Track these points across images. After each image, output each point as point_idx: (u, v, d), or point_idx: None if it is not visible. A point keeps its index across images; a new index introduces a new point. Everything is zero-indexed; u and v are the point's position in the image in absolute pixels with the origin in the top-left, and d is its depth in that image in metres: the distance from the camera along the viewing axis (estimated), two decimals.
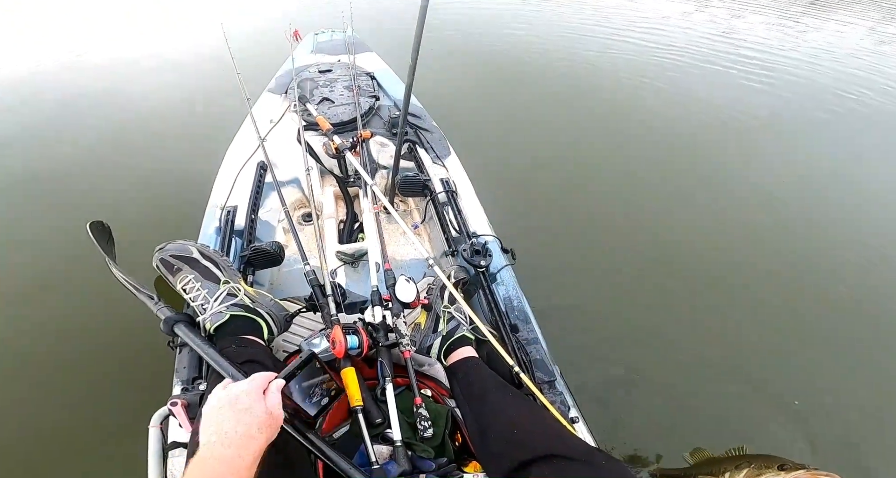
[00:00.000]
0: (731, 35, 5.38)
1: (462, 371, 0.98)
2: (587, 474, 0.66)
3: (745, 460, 0.69)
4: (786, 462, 0.62)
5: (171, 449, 0.85)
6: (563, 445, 0.74)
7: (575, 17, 5.54)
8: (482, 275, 1.12)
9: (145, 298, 0.92)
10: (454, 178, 1.47)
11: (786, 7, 6.96)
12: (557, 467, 0.69)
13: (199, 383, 0.93)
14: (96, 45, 3.93)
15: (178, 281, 0.90)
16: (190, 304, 0.91)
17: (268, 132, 1.52)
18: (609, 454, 0.71)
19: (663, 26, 5.48)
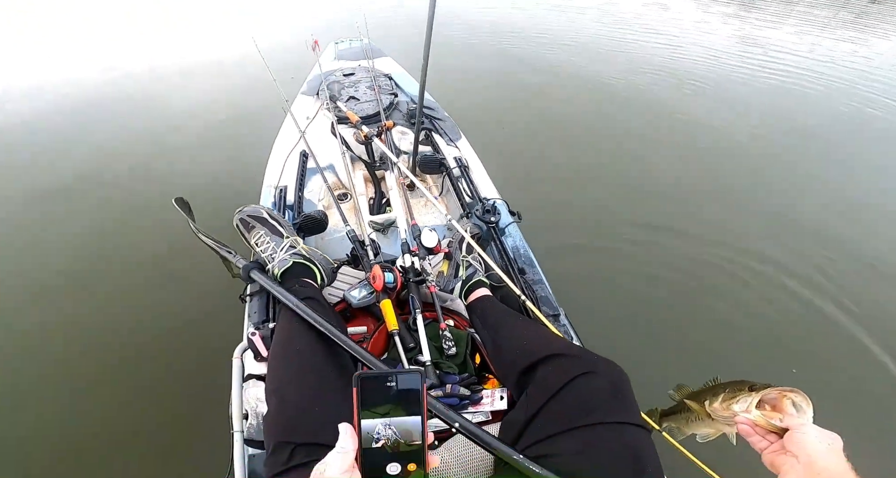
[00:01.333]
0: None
1: (480, 306, 1.17)
2: (583, 367, 0.76)
3: (721, 388, 0.73)
4: (754, 384, 0.65)
5: (246, 380, 1.03)
6: (562, 347, 0.86)
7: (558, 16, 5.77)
8: (493, 229, 1.33)
9: (224, 252, 1.16)
10: (465, 156, 1.69)
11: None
12: (557, 363, 0.80)
13: (267, 323, 1.15)
14: (141, 54, 4.42)
15: (252, 236, 1.14)
16: (260, 256, 1.14)
17: (306, 126, 1.77)
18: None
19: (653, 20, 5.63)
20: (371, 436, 0.44)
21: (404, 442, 0.45)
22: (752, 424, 0.61)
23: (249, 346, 1.07)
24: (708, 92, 3.78)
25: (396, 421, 0.44)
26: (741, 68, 4.38)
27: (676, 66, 4.28)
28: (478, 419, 0.98)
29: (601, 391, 0.73)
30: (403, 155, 1.76)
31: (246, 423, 0.96)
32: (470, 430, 0.75)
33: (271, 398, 0.84)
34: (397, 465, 0.44)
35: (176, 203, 1.27)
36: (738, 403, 0.64)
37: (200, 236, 1.22)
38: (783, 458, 0.55)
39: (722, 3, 7.45)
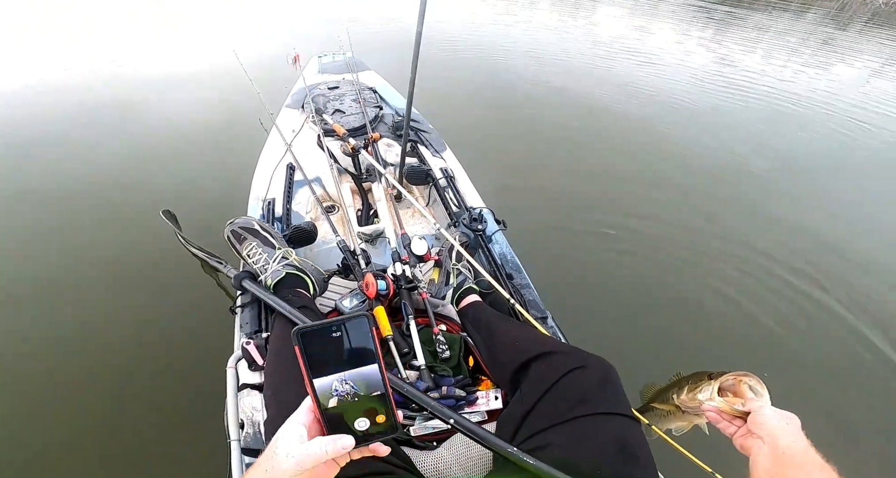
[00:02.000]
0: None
1: (471, 311, 1.20)
2: (574, 363, 0.80)
3: (684, 380, 0.77)
4: (711, 372, 0.70)
5: (241, 389, 1.03)
6: (553, 345, 0.90)
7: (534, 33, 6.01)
8: (480, 237, 1.37)
9: (214, 262, 1.16)
10: (451, 167, 1.74)
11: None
12: (549, 360, 0.84)
13: (261, 333, 1.15)
14: (126, 60, 4.36)
15: (244, 248, 1.15)
16: (252, 266, 1.15)
17: (292, 139, 1.79)
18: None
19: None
20: (329, 394, 0.42)
21: (365, 395, 0.43)
22: (718, 410, 0.64)
23: (244, 355, 1.07)
24: (685, 109, 3.96)
25: (352, 374, 0.42)
26: (717, 87, 4.64)
27: (656, 84, 4.50)
28: (475, 419, 1.00)
29: (591, 384, 0.76)
30: (390, 166, 1.79)
31: (242, 432, 0.96)
32: (465, 426, 0.77)
33: (271, 403, 0.85)
34: (364, 420, 0.43)
35: (163, 215, 1.27)
36: (702, 392, 0.68)
37: (189, 247, 1.22)
38: (751, 440, 0.58)
39: (699, 27, 7.88)
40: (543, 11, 8.23)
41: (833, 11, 11.41)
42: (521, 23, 6.88)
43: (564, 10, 8.39)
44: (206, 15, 6.49)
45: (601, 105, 3.85)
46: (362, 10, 6.83)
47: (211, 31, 5.61)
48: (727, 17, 8.83)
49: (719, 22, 8.45)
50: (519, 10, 7.89)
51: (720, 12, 9.26)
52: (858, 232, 2.53)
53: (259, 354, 1.06)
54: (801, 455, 0.53)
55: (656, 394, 0.92)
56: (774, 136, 3.68)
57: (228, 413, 0.99)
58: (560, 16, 7.76)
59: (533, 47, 5.45)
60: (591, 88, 4.21)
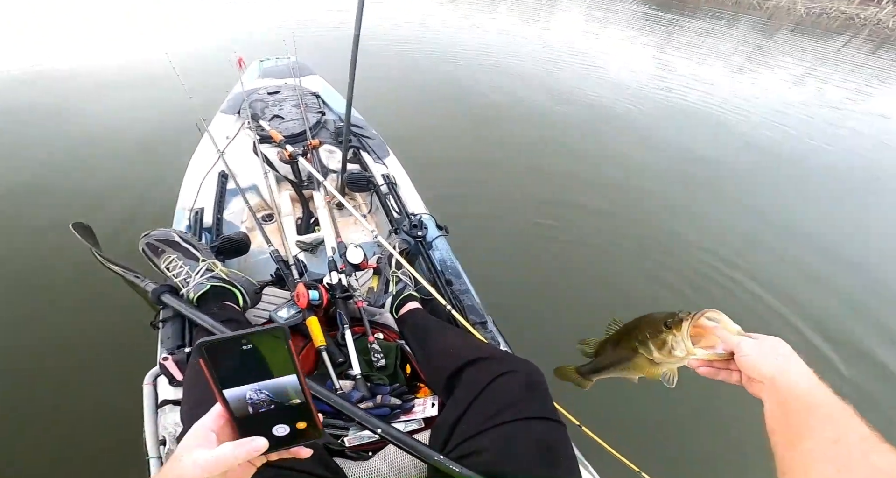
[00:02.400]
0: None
1: (410, 319, 1.18)
2: (503, 367, 0.80)
3: (637, 332, 0.67)
4: (666, 317, 0.60)
5: (160, 406, 0.99)
6: (486, 350, 0.91)
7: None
8: (420, 244, 1.36)
9: (132, 277, 1.08)
10: (394, 173, 1.73)
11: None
12: (481, 366, 0.84)
13: (183, 348, 1.09)
14: (48, 60, 4.01)
15: (162, 261, 1.08)
16: (173, 280, 1.08)
17: (225, 146, 1.72)
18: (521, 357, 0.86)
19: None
20: (244, 403, 0.41)
21: (282, 402, 0.41)
22: (707, 363, 0.57)
23: (162, 371, 1.02)
24: (628, 112, 4.19)
25: (266, 384, 0.41)
26: (663, 93, 4.93)
27: (601, 88, 4.72)
28: (411, 428, 0.99)
29: (518, 389, 0.77)
30: (332, 174, 1.75)
31: (164, 448, 0.92)
32: (393, 435, 0.76)
33: (187, 418, 0.81)
34: (284, 426, 0.42)
35: (74, 229, 1.17)
36: (676, 348, 0.59)
37: (105, 263, 1.13)
38: (756, 385, 0.50)
39: (647, 34, 8.36)
40: (499, 15, 8.46)
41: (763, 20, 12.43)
42: (474, 27, 7.02)
43: (520, 15, 8.65)
44: (147, 15, 6.14)
45: (549, 109, 4.00)
46: (311, 13, 6.71)
47: (147, 31, 5.31)
48: (670, 25, 9.45)
49: (665, 28, 9.02)
50: (474, 14, 8.06)
51: (665, 20, 9.90)
52: (775, 231, 2.75)
53: (179, 369, 1.01)
54: (807, 396, 0.45)
55: (601, 349, 0.84)
56: (705, 138, 3.95)
57: (147, 430, 0.94)
58: (514, 22, 7.98)
59: (484, 52, 5.57)
60: (540, 93, 4.35)
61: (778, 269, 2.38)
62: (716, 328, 0.55)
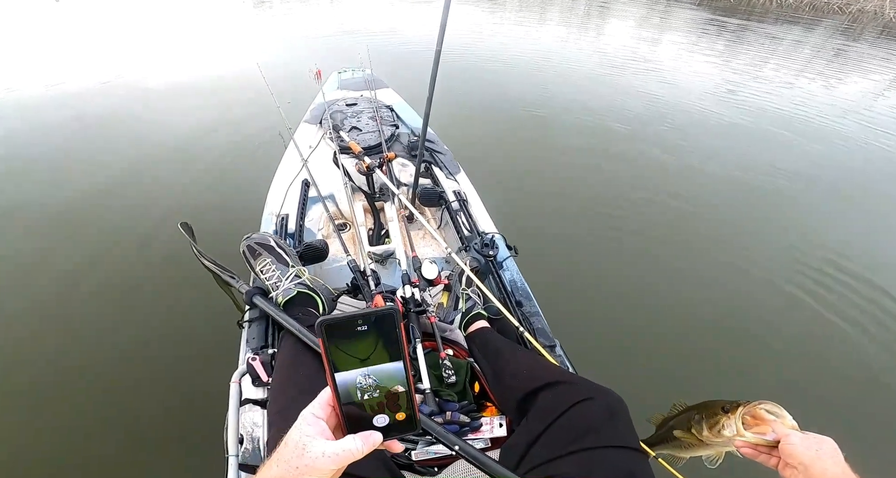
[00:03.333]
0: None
1: (479, 337, 1.19)
2: (581, 394, 0.79)
3: (696, 413, 0.75)
4: (723, 403, 0.68)
5: (243, 405, 1.04)
6: (561, 375, 0.89)
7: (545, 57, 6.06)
8: (491, 263, 1.37)
9: (227, 277, 1.18)
10: (464, 190, 1.76)
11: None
12: (557, 390, 0.83)
13: (266, 349, 1.15)
14: (146, 72, 4.47)
15: (258, 263, 1.16)
16: (264, 283, 1.16)
17: (308, 155, 1.83)
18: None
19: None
20: (353, 389, 0.41)
21: (387, 391, 0.41)
22: (751, 445, 0.63)
23: (248, 371, 1.08)
24: (704, 131, 3.96)
25: (375, 369, 0.41)
26: (733, 100, 4.68)
27: (674, 102, 4.52)
28: (478, 446, 0.99)
29: (599, 416, 0.76)
30: (403, 186, 1.81)
31: (241, 447, 0.96)
32: (470, 453, 0.77)
33: (276, 420, 0.84)
34: (384, 416, 0.42)
35: (181, 227, 1.29)
36: (726, 428, 0.67)
37: (203, 261, 1.24)
38: (790, 471, 0.57)
39: (709, 40, 7.96)
40: (550, 24, 8.38)
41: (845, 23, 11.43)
42: (543, 41, 6.97)
43: (578, 25, 8.53)
44: (231, 28, 6.67)
45: (625, 130, 3.83)
46: (384, 26, 6.99)
47: (235, 44, 5.76)
48: (739, 30, 8.92)
49: (732, 34, 8.52)
50: (539, 27, 8.04)
51: (733, 25, 9.35)
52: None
53: (264, 370, 1.07)
54: None
55: (661, 425, 0.92)
56: (789, 150, 3.67)
57: (229, 428, 0.98)
58: (571, 30, 7.87)
59: (553, 67, 5.50)
60: (615, 111, 4.19)
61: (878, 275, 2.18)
62: (773, 421, 0.62)
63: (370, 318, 0.40)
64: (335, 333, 0.40)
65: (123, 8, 7.40)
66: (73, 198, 2.47)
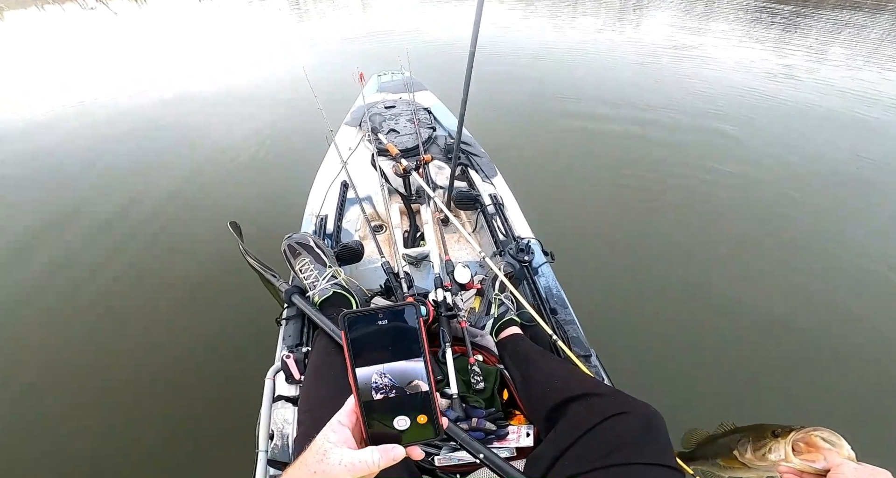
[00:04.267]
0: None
1: (510, 344, 1.17)
2: (616, 407, 0.75)
3: (743, 435, 0.73)
4: (775, 427, 0.66)
5: (276, 401, 1.07)
6: (595, 386, 0.86)
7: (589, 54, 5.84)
8: (526, 268, 1.35)
9: (269, 275, 1.22)
10: (500, 193, 1.74)
11: None
12: (590, 402, 0.80)
13: (301, 347, 1.18)
14: (192, 79, 4.77)
15: (297, 263, 1.20)
16: (303, 282, 1.20)
17: (348, 157, 1.87)
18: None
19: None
20: (369, 386, 0.39)
21: (406, 391, 0.39)
22: (797, 472, 0.60)
23: (282, 368, 1.11)
24: (753, 131, 3.70)
25: (392, 367, 0.39)
26: (786, 92, 4.34)
27: (723, 95, 4.24)
28: (503, 455, 0.97)
29: (634, 431, 0.72)
30: (439, 189, 1.82)
31: (271, 443, 0.98)
32: (494, 462, 0.76)
33: (305, 418, 0.87)
34: (405, 418, 0.40)
35: (230, 226, 1.36)
36: (773, 452, 0.64)
37: (248, 259, 1.29)
38: None
39: (762, 28, 7.45)
40: (598, 20, 8.11)
41: None
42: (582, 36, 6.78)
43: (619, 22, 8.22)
44: (276, 36, 6.94)
45: (663, 131, 3.66)
46: (423, 27, 7.05)
47: (280, 50, 6.00)
48: (793, 17, 8.27)
49: (787, 20, 7.91)
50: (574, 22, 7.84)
51: (784, 13, 8.69)
52: None
53: (297, 368, 1.10)
54: None
55: (704, 442, 0.88)
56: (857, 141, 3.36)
57: (261, 424, 1.02)
58: (617, 31, 7.60)
59: (593, 61, 5.34)
60: (652, 113, 4.03)
61: None
62: (828, 451, 0.58)
63: (391, 312, 0.40)
64: (357, 326, 0.40)
65: (176, 23, 7.89)
66: (132, 199, 2.66)
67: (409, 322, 0.40)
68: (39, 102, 4.46)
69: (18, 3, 9.23)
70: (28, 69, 5.68)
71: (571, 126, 3.64)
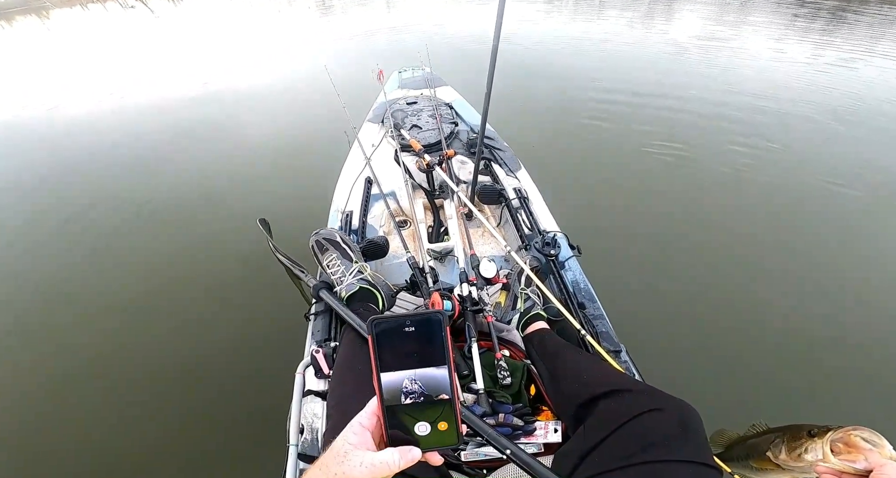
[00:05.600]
0: None
1: (537, 338, 1.16)
2: (650, 404, 0.72)
3: (775, 435, 0.71)
4: (811, 427, 0.64)
5: (305, 396, 1.08)
6: (627, 382, 0.82)
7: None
8: (552, 262, 1.33)
9: (297, 271, 1.25)
10: (525, 187, 1.72)
11: None
12: (621, 398, 0.77)
13: (329, 342, 1.20)
14: (217, 79, 4.89)
15: (325, 258, 1.22)
16: (330, 277, 1.22)
17: (371, 153, 1.88)
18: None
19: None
20: (399, 392, 0.40)
21: (431, 396, 0.40)
22: (836, 472, 0.58)
23: (312, 362, 1.13)
24: (794, 128, 3.53)
25: (423, 374, 0.40)
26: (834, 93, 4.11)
27: (757, 91, 4.07)
28: (530, 451, 0.96)
29: (668, 429, 0.69)
30: (462, 184, 1.81)
31: (301, 437, 1.00)
32: (522, 459, 0.74)
33: (334, 413, 0.87)
34: (426, 424, 0.40)
35: (259, 223, 1.39)
36: (809, 452, 0.62)
37: (277, 255, 1.32)
38: None
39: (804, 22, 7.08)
40: (626, 12, 7.87)
41: None
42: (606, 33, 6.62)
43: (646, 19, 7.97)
44: (299, 35, 7.04)
45: (688, 122, 3.56)
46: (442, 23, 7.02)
47: (304, 49, 6.09)
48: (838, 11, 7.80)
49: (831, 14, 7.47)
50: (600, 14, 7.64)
51: (827, 6, 8.20)
52: None
53: (326, 362, 1.11)
54: None
55: (734, 443, 0.86)
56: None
57: (291, 418, 1.03)
58: (642, 26, 7.37)
59: (617, 58, 5.20)
60: (679, 103, 3.91)
61: None
62: (869, 451, 0.57)
63: (417, 320, 0.40)
64: (385, 332, 0.40)
65: (208, 22, 8.09)
66: (160, 196, 2.76)
67: (435, 330, 0.40)
68: (75, 98, 4.63)
69: (63, 2, 9.62)
70: (66, 66, 5.91)
71: (598, 118, 3.56)
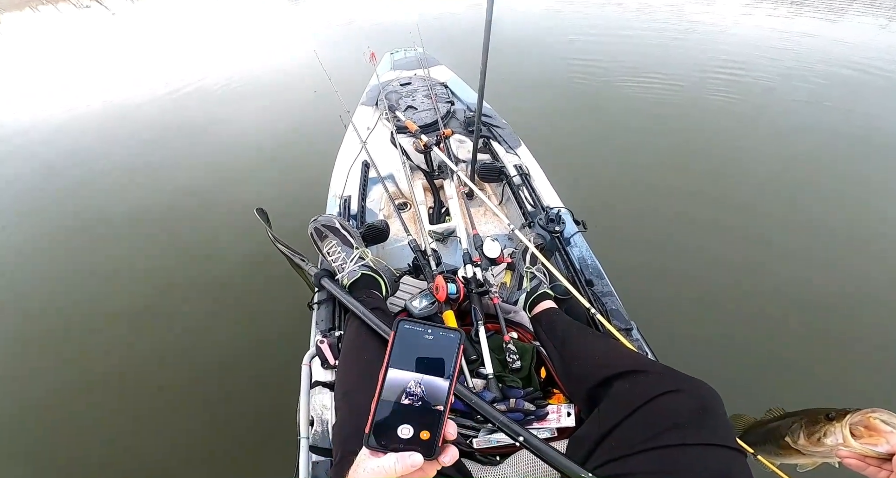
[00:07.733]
0: None
1: (546, 319, 1.13)
2: (667, 385, 0.70)
3: (792, 420, 0.71)
4: (829, 411, 0.63)
5: (313, 387, 1.06)
6: (642, 363, 0.80)
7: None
8: (557, 239, 1.29)
9: (298, 260, 1.21)
10: (526, 163, 1.66)
11: None
12: (637, 380, 0.75)
13: (334, 331, 1.17)
14: (206, 69, 4.75)
15: (324, 245, 1.19)
16: (331, 265, 1.18)
17: (366, 137, 1.83)
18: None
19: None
20: (402, 390, 0.42)
21: (429, 404, 0.42)
22: (859, 457, 0.57)
23: (317, 353, 1.10)
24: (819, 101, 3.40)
25: (427, 380, 0.42)
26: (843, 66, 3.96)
27: (746, 63, 3.95)
28: (543, 436, 0.94)
29: (687, 411, 0.66)
30: (462, 163, 1.76)
31: (312, 429, 0.98)
32: (536, 445, 0.72)
33: (342, 405, 0.85)
34: (409, 428, 0.41)
35: (257, 213, 1.35)
36: (828, 436, 0.62)
37: (277, 245, 1.29)
38: None
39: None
40: None
41: None
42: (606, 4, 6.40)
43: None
44: (282, 21, 6.85)
45: (691, 92, 3.45)
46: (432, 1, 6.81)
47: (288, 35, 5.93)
48: None
49: None
50: None
51: None
52: None
53: (331, 352, 1.08)
54: None
55: (751, 428, 0.85)
56: None
57: (301, 410, 1.01)
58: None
59: (614, 31, 5.04)
60: (681, 73, 3.79)
61: None
62: (889, 432, 0.56)
63: (439, 332, 0.43)
64: (407, 332, 0.43)
65: (175, 18, 7.83)
66: (154, 196, 2.71)
67: (452, 345, 0.43)
68: (47, 105, 4.46)
69: (13, 5, 9.27)
70: (32, 72, 5.75)
71: (598, 92, 3.46)
